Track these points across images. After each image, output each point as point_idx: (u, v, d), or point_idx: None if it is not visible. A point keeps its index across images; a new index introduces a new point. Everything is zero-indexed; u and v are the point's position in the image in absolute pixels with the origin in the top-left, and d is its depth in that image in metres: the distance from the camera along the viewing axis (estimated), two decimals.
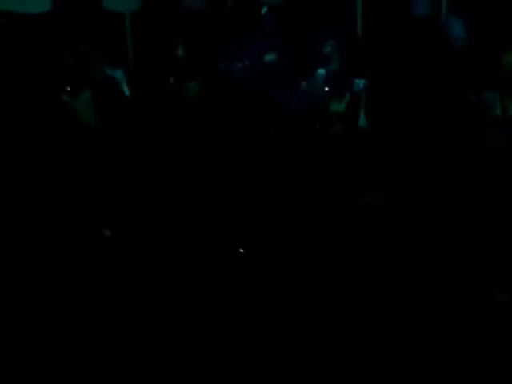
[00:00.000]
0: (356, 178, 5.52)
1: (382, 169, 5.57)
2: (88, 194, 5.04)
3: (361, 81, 6.10)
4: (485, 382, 3.70)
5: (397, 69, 6.14)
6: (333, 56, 6.24)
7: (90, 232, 4.79)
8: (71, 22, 6.52)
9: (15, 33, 5.94)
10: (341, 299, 4.32)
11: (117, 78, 6.24)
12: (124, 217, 5.04)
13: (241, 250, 4.85)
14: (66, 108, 5.79)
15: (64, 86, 5.91)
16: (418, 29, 6.40)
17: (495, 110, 5.36)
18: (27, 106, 5.57)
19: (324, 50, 6.29)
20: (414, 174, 5.33)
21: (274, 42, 6.66)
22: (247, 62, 6.57)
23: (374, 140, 5.85)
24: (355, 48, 6.59)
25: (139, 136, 5.73)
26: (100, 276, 4.43)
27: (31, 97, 5.64)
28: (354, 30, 7.06)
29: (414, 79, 6.03)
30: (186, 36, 6.78)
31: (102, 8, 6.91)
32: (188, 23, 7.18)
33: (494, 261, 4.45)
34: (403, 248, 4.69)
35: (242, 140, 5.60)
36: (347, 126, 5.99)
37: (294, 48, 6.57)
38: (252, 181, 5.35)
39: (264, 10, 6.90)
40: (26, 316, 4.04)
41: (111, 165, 5.37)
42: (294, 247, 4.77)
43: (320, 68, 6.30)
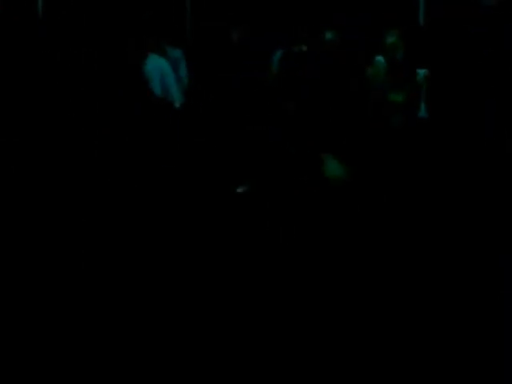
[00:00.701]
0: (415, 169, 5.46)
1: (440, 160, 5.51)
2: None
3: (422, 71, 6.00)
4: (485, 382, 3.63)
5: (460, 60, 6.03)
6: (398, 45, 6.12)
7: (90, 232, 4.81)
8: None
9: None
10: (341, 297, 4.31)
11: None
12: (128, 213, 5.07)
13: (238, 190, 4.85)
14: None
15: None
16: (484, 20, 6.25)
17: None
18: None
19: (388, 39, 6.19)
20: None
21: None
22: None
23: (434, 131, 5.77)
24: (419, 38, 6.48)
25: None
26: (100, 276, 4.44)
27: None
28: (417, 20, 6.94)
29: (476, 72, 5.92)
30: (244, 20, 6.75)
31: None
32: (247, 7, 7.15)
33: (494, 261, 4.43)
34: (403, 247, 4.68)
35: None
36: (407, 116, 5.91)
37: (358, 34, 6.48)
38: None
39: None
40: (25, 316, 4.05)
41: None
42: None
43: (379, 55, 6.19)
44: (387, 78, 6.05)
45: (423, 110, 5.96)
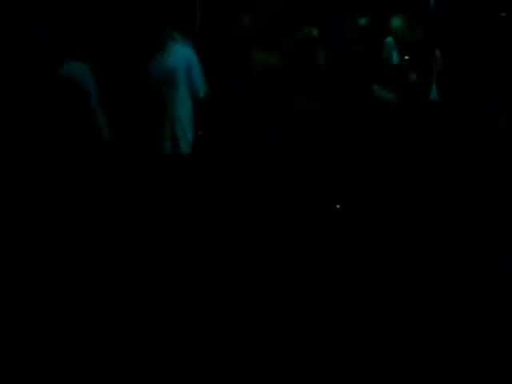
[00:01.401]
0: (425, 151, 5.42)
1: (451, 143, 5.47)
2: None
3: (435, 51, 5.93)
4: (485, 382, 3.63)
5: (472, 42, 5.97)
6: (405, 28, 6.06)
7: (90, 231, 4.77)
8: None
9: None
10: (341, 297, 4.31)
11: None
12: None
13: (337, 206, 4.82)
14: None
15: None
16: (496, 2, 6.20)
17: None
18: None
19: (393, 22, 6.13)
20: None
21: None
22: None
23: (445, 113, 5.72)
24: (430, 20, 6.42)
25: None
26: (100, 276, 4.41)
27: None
28: (428, 2, 6.88)
29: (487, 53, 5.87)
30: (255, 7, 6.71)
31: None
32: None
33: (494, 261, 4.45)
34: (402, 246, 4.66)
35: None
36: (418, 97, 5.85)
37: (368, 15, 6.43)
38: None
39: None
40: (25, 316, 4.03)
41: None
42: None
43: (389, 36, 6.14)
44: (399, 59, 6.02)
45: (435, 92, 5.90)
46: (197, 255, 4.73)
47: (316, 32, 6.07)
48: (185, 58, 5.58)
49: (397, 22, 6.09)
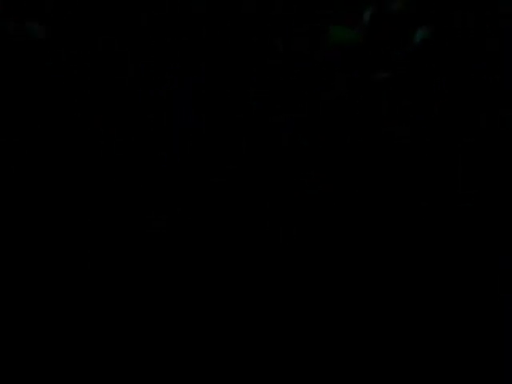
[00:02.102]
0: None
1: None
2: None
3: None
4: (485, 382, 3.63)
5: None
6: None
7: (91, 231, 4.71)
8: None
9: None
10: (341, 297, 4.32)
11: None
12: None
13: None
14: None
15: None
16: None
17: None
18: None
19: None
20: None
21: None
22: None
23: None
24: None
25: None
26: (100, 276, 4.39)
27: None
28: None
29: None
30: None
31: None
32: None
33: (494, 261, 4.46)
34: (402, 246, 4.68)
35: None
36: None
37: None
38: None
39: None
40: (25, 316, 4.02)
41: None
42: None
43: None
44: None
45: None
46: (197, 254, 4.73)
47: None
48: None
49: None
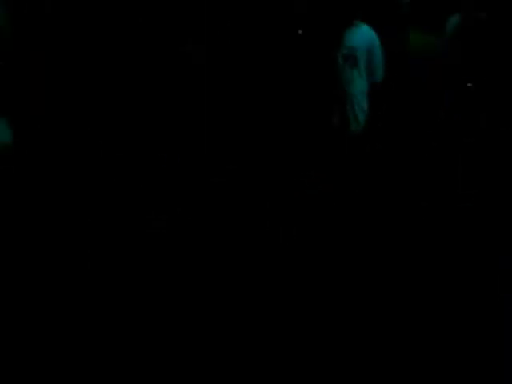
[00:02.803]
0: None
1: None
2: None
3: None
4: (485, 382, 3.63)
5: None
6: None
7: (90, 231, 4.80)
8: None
9: None
10: (341, 297, 4.29)
11: None
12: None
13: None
14: None
15: None
16: None
17: None
18: None
19: None
20: None
21: None
22: None
23: None
24: None
25: None
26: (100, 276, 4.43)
27: None
28: None
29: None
30: None
31: None
32: None
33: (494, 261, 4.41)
34: (402, 245, 4.62)
35: None
36: None
37: None
38: None
39: None
40: (25, 316, 4.07)
41: None
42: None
43: None
44: None
45: None
46: (196, 254, 4.73)
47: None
48: (368, 39, 5.75)
49: None
